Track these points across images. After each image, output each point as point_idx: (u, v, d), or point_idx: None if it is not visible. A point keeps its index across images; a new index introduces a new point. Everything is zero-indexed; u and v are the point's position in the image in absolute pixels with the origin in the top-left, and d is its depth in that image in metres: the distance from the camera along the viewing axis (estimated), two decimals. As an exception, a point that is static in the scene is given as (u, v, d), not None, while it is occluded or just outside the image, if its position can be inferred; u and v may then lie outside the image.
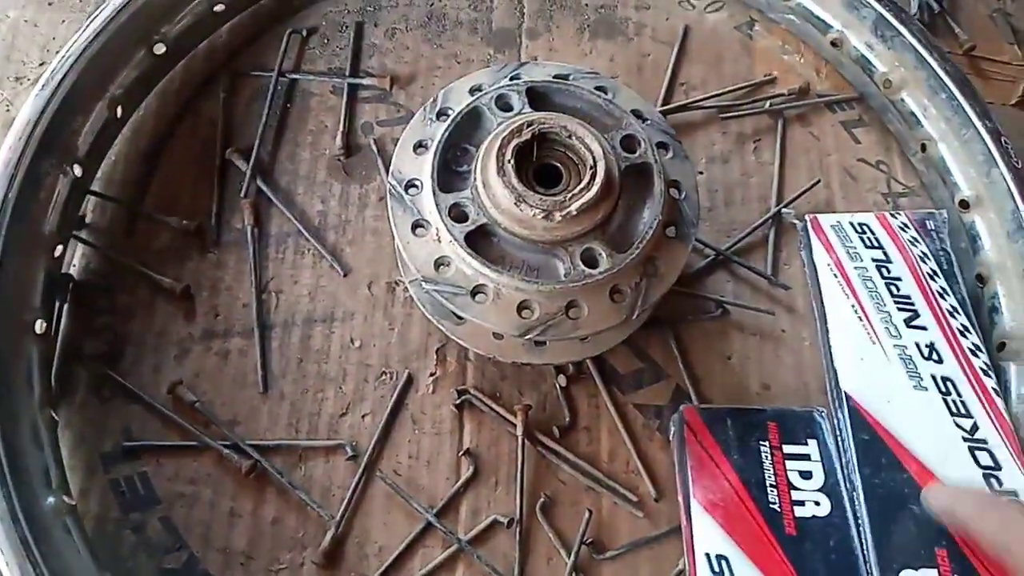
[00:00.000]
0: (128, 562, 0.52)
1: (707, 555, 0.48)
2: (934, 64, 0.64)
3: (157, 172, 0.64)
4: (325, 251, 0.63)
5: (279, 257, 0.63)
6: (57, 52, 0.67)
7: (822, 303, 0.55)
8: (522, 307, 0.50)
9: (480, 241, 0.51)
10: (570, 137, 0.52)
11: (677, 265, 0.53)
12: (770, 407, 0.55)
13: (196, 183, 0.64)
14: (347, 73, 0.69)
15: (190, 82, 0.68)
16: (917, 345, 0.52)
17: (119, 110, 0.61)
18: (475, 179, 0.51)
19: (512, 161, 0.50)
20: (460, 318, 0.54)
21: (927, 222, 0.59)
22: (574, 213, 0.49)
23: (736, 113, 0.70)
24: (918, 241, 0.58)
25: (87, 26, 0.59)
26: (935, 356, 0.51)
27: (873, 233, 0.58)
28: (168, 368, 0.58)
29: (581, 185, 0.50)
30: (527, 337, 0.50)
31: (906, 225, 0.59)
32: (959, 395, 0.50)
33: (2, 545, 0.44)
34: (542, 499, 0.56)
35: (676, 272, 0.53)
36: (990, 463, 0.48)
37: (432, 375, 0.60)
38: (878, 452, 0.49)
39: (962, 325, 0.53)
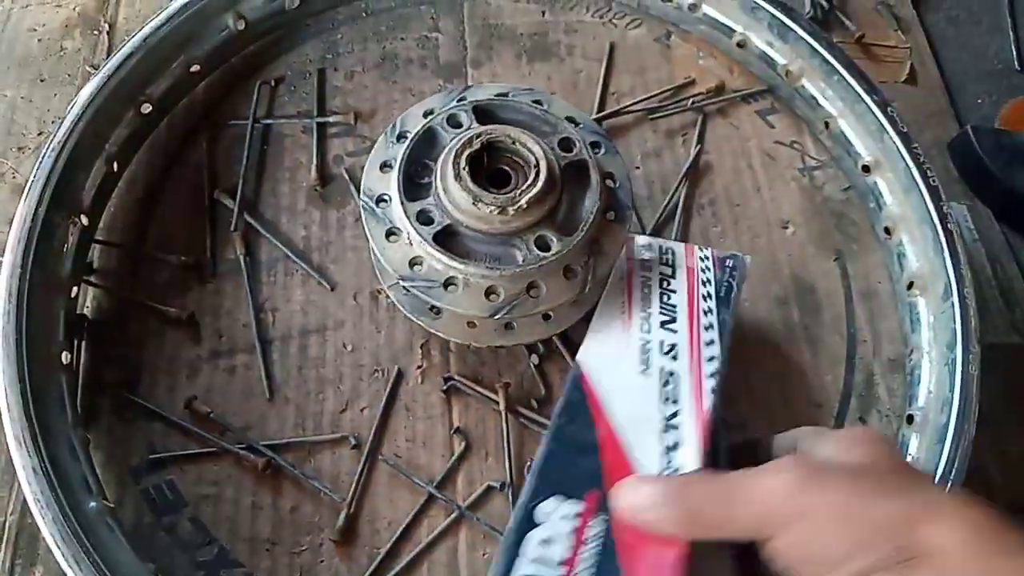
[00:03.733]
0: (165, 559, 0.58)
1: None
2: (824, 52, 0.73)
3: (153, 217, 0.71)
4: (312, 270, 0.70)
5: (271, 280, 0.70)
6: (52, 123, 0.75)
7: (600, 297, 0.61)
8: (489, 292, 0.58)
9: (446, 240, 0.58)
10: (514, 143, 0.60)
11: (618, 243, 0.61)
12: None
13: (190, 223, 0.71)
14: (315, 114, 0.77)
15: (175, 136, 0.75)
16: (661, 343, 0.57)
17: (115, 165, 0.69)
18: (436, 188, 0.59)
19: (467, 168, 0.58)
20: (437, 312, 0.62)
21: (727, 260, 0.64)
22: (524, 206, 0.57)
23: (663, 113, 0.79)
24: (708, 270, 0.63)
25: (82, 92, 0.66)
26: (672, 354, 0.56)
27: (673, 255, 0.64)
28: (182, 387, 0.65)
29: (528, 182, 0.58)
30: (496, 317, 0.58)
31: (706, 257, 0.64)
32: (676, 387, 0.55)
33: (57, 540, 0.50)
34: (528, 463, 0.63)
35: (618, 249, 0.61)
36: (672, 443, 0.51)
37: (419, 368, 0.67)
38: (581, 409, 0.53)
39: (710, 338, 0.58)
